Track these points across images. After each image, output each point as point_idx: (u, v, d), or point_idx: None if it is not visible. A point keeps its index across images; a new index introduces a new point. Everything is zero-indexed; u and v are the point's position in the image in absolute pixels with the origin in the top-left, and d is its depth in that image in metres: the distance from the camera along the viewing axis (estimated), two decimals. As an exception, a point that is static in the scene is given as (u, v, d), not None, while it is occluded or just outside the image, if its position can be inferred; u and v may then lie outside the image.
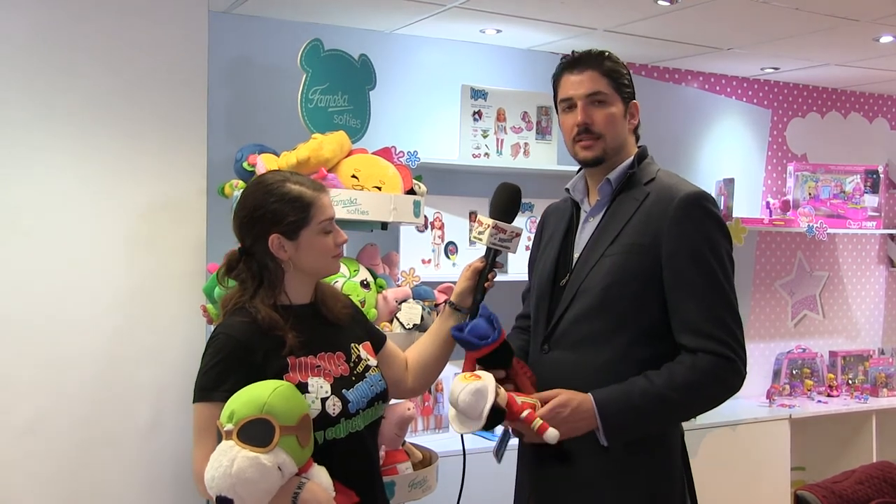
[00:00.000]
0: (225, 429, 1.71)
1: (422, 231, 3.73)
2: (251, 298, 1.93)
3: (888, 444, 4.75)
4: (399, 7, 3.44)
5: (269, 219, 1.93)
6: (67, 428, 2.74)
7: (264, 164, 2.77)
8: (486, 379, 1.93)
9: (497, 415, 1.92)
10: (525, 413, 1.92)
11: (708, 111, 4.72)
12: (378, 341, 2.15)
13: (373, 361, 2.05)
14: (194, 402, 1.85)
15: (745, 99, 4.84)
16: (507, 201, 2.20)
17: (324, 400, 1.87)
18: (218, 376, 1.83)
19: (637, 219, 2.09)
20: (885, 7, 3.39)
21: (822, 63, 4.44)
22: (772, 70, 4.63)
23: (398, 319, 2.83)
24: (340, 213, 2.73)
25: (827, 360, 5.06)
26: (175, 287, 2.88)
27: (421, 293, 3.01)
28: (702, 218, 2.05)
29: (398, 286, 2.99)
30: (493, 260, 2.19)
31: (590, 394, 2.00)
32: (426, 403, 3.73)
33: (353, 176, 2.87)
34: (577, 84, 2.13)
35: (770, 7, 3.40)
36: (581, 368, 2.09)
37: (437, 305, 2.99)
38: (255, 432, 1.70)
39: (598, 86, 2.13)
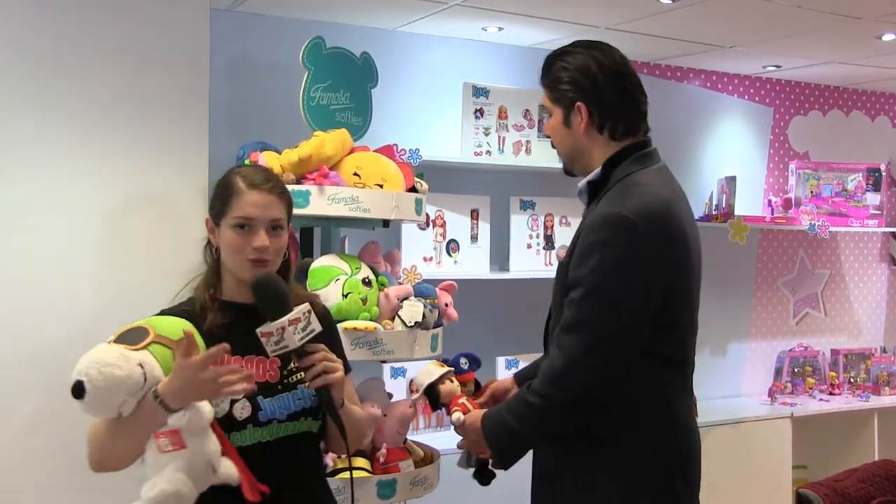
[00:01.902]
0: (154, 333, 1.72)
1: (423, 229, 3.73)
2: (209, 282, 1.94)
3: (890, 442, 4.75)
4: (401, 5, 3.44)
5: (211, 200, 1.96)
6: (68, 427, 2.73)
7: (266, 161, 2.77)
8: (444, 369, 2.33)
9: (433, 394, 2.31)
10: (455, 408, 2.24)
11: (710, 109, 4.72)
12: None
13: None
14: None
15: (746, 97, 4.84)
16: (260, 302, 1.83)
17: (233, 401, 1.80)
18: None
19: (578, 241, 2.00)
20: (887, 5, 3.38)
21: (824, 61, 4.43)
22: (774, 68, 4.62)
23: (400, 317, 2.83)
24: (342, 210, 2.74)
25: (829, 358, 5.06)
26: (175, 286, 2.88)
27: (422, 291, 3.01)
28: (607, 236, 1.90)
29: (400, 284, 2.99)
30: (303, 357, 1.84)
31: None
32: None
33: (355, 174, 2.87)
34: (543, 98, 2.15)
35: (772, 5, 3.40)
36: None
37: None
38: (130, 336, 1.72)
39: (545, 100, 2.12)
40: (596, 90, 2.02)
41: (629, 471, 1.97)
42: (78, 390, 1.66)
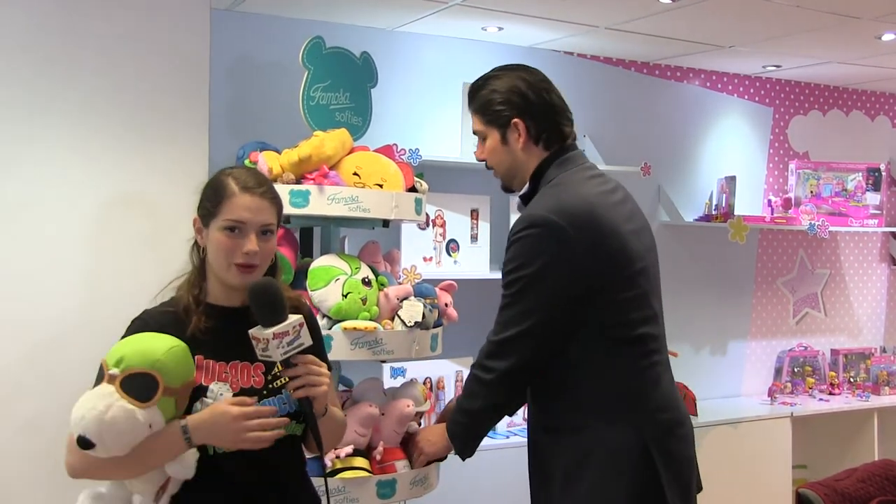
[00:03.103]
0: (109, 372, 1.70)
1: (423, 229, 3.73)
2: (192, 280, 1.90)
3: (890, 442, 4.75)
4: (401, 4, 3.44)
5: (200, 199, 1.92)
6: (66, 427, 2.73)
7: (266, 161, 2.77)
8: None
9: None
10: None
11: (710, 109, 4.72)
12: None
13: None
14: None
15: (746, 97, 4.84)
16: (254, 307, 1.80)
17: None
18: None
19: None
20: (886, 5, 3.38)
21: (823, 61, 4.43)
22: (773, 68, 4.62)
23: (399, 317, 2.83)
24: (342, 210, 2.73)
25: (829, 358, 5.06)
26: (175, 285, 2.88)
27: (422, 291, 3.01)
28: (517, 240, 2.10)
29: (399, 284, 2.99)
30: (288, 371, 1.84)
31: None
32: (427, 400, 3.73)
33: (355, 173, 2.87)
34: (473, 125, 2.30)
35: (772, 5, 3.40)
36: None
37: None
38: (139, 385, 1.70)
39: (476, 125, 2.27)
40: (528, 105, 2.20)
41: (602, 455, 2.06)
42: (85, 444, 1.69)
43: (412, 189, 3.03)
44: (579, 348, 2.10)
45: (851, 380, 4.97)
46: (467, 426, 2.26)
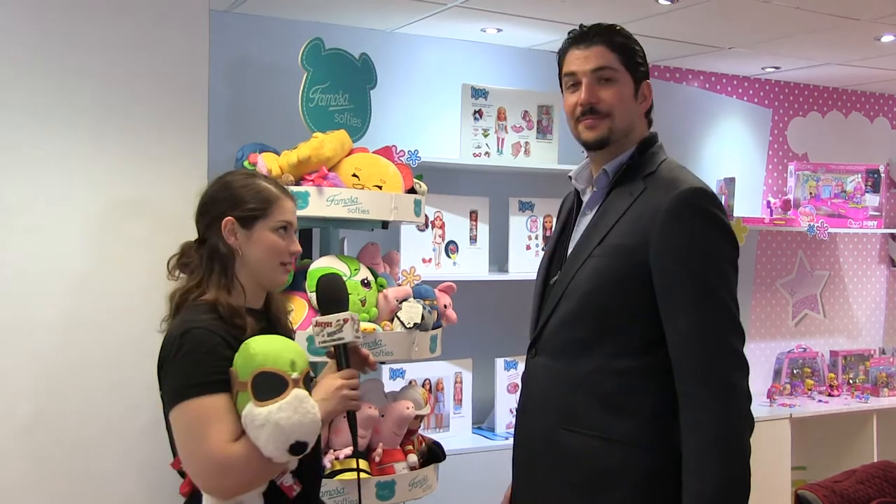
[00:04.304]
0: (293, 377, 1.76)
1: (422, 230, 3.73)
2: (205, 290, 1.86)
3: (889, 443, 4.75)
4: (400, 6, 3.44)
5: (229, 202, 1.90)
6: (67, 426, 2.73)
7: (265, 162, 2.77)
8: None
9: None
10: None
11: (709, 110, 4.72)
12: None
13: None
14: (187, 399, 1.75)
15: (745, 98, 4.84)
16: (323, 295, 2.00)
17: None
18: (212, 368, 1.76)
19: (628, 217, 1.89)
20: (885, 6, 3.39)
21: (823, 62, 4.44)
22: (773, 69, 4.63)
23: (399, 318, 2.83)
24: (341, 211, 2.74)
25: (828, 359, 5.06)
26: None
27: (421, 292, 3.01)
28: (694, 217, 1.82)
29: (399, 285, 2.99)
30: (344, 356, 1.95)
31: None
32: (427, 403, 3.73)
33: (354, 175, 2.87)
34: (583, 59, 1.97)
35: (771, 6, 3.40)
36: (558, 379, 1.94)
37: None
38: (307, 384, 1.81)
39: (607, 61, 1.97)
40: (648, 76, 2.07)
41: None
42: (301, 449, 1.77)
43: (411, 190, 3.03)
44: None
45: (850, 381, 4.97)
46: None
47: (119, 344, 2.80)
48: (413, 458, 2.82)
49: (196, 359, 1.77)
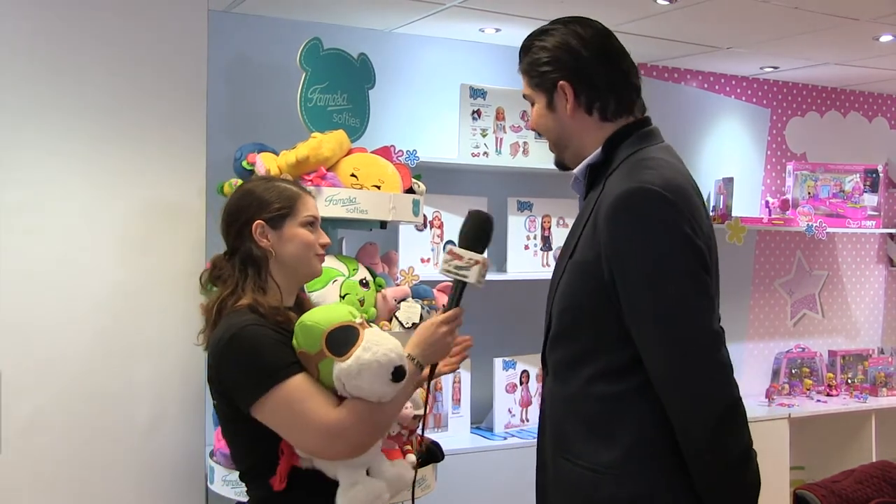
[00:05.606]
0: (359, 321, 1.84)
1: (421, 230, 3.73)
2: (240, 295, 1.92)
3: (888, 443, 4.76)
4: (398, 6, 3.44)
5: (256, 206, 1.98)
6: (67, 426, 2.73)
7: (263, 162, 2.77)
8: None
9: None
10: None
11: (707, 110, 4.72)
12: None
13: None
14: (270, 388, 1.78)
15: (744, 98, 4.84)
16: (469, 228, 1.99)
17: None
18: (279, 354, 1.82)
19: (588, 227, 1.75)
20: (884, 6, 3.39)
21: (821, 62, 4.44)
22: (771, 69, 4.63)
23: (397, 318, 2.83)
24: (339, 211, 2.74)
25: (826, 359, 5.06)
26: (174, 286, 2.88)
27: (420, 292, 3.01)
28: (631, 222, 1.65)
29: (397, 285, 2.99)
30: (459, 294, 1.98)
31: None
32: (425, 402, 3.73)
33: (353, 175, 2.87)
34: (523, 88, 1.95)
35: (769, 6, 3.40)
36: (553, 399, 1.86)
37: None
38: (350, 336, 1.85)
39: (525, 88, 1.93)
40: (580, 66, 1.81)
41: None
42: (401, 375, 1.82)
43: (410, 190, 3.03)
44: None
45: (849, 381, 4.97)
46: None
47: (115, 343, 2.80)
48: (412, 457, 2.81)
49: (260, 352, 1.82)
